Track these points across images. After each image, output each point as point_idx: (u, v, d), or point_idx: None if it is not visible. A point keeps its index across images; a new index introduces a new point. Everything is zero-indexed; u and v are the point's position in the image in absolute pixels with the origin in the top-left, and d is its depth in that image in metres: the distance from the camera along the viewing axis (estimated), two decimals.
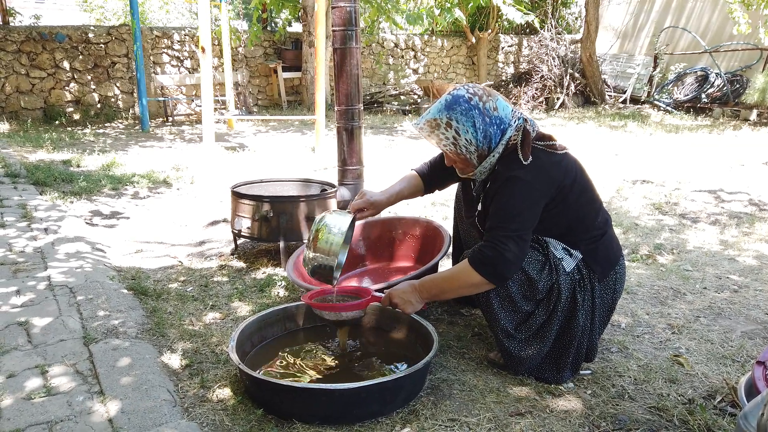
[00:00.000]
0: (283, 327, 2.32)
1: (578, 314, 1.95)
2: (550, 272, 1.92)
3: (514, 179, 1.82)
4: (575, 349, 2.00)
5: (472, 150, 1.86)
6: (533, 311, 1.97)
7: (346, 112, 3.28)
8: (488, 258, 1.81)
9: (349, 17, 3.14)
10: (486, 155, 1.89)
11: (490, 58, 13.37)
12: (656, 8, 12.66)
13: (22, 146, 6.64)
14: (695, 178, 5.48)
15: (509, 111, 1.90)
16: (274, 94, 11.49)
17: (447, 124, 1.84)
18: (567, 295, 1.94)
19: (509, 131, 1.86)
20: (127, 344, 2.15)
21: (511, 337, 1.99)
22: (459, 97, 1.85)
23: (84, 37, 9.58)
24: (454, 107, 1.84)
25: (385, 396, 1.81)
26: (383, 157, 6.44)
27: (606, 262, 2.02)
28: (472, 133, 1.83)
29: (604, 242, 2.02)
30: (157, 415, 1.74)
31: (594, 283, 1.99)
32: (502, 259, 1.80)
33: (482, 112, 1.83)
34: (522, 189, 1.82)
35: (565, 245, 1.97)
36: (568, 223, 1.95)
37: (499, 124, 1.86)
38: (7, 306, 2.44)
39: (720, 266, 3.21)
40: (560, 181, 1.88)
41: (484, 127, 1.84)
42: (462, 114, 1.83)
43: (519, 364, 2.02)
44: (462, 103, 1.83)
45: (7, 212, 3.82)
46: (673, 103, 11.07)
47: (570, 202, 1.92)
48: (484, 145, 1.86)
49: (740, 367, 2.15)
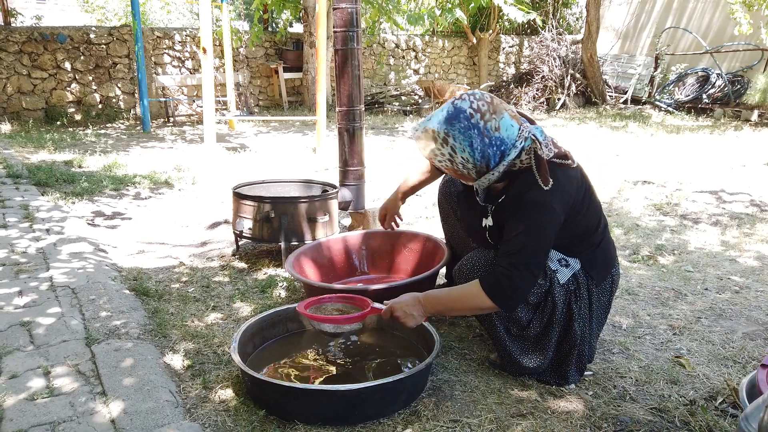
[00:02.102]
0: (285, 328, 2.32)
1: (575, 324, 1.94)
2: (542, 281, 1.90)
3: (535, 205, 1.75)
4: (576, 357, 2.00)
5: (470, 167, 1.79)
6: (530, 320, 1.96)
7: (347, 113, 3.28)
8: (504, 287, 1.77)
9: (350, 18, 3.14)
10: (485, 172, 1.80)
11: (491, 58, 13.37)
12: (657, 8, 12.65)
13: (23, 147, 6.65)
14: (696, 178, 5.48)
15: (515, 132, 1.77)
16: (275, 94, 11.50)
17: (444, 140, 1.76)
18: (562, 307, 1.93)
19: (512, 153, 1.76)
20: (129, 345, 2.16)
21: (512, 344, 1.99)
22: (460, 112, 1.74)
23: (85, 38, 9.59)
24: (453, 123, 1.74)
25: (387, 397, 1.82)
26: (384, 158, 6.44)
27: (604, 266, 2.01)
28: (468, 152, 1.75)
29: (602, 247, 2.00)
30: (159, 416, 1.74)
31: (591, 288, 1.98)
32: (518, 289, 1.78)
33: (481, 132, 1.73)
34: (543, 217, 1.76)
35: (563, 255, 1.94)
36: (572, 235, 1.92)
37: (499, 146, 1.75)
38: (10, 307, 2.44)
39: (721, 267, 3.21)
40: (575, 198, 1.85)
41: (482, 147, 1.74)
42: (460, 132, 1.74)
43: (521, 372, 2.03)
44: (462, 120, 1.74)
45: (9, 213, 3.83)
46: (674, 104, 11.07)
47: (579, 218, 1.90)
48: (482, 163, 1.77)
49: (741, 368, 2.15)
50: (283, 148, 7.18)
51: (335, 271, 2.87)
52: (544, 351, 1.97)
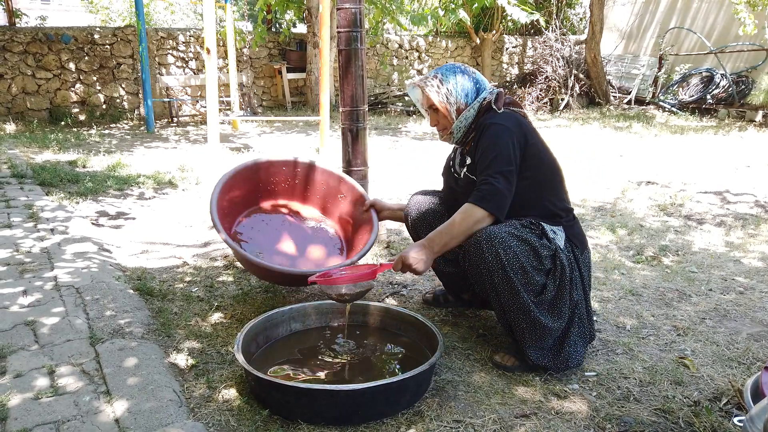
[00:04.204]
0: (288, 327, 2.33)
1: (572, 291, 2.06)
2: (548, 243, 2.04)
3: (491, 125, 2.11)
4: (577, 322, 2.07)
5: (452, 101, 2.18)
6: (545, 284, 2.03)
7: (351, 113, 3.28)
8: (486, 192, 2.03)
9: (354, 18, 3.14)
10: (463, 109, 2.19)
11: (494, 59, 13.35)
12: (661, 9, 12.62)
13: (28, 147, 6.68)
14: (700, 179, 5.46)
15: (486, 83, 2.26)
16: (278, 95, 11.52)
17: (434, 76, 2.21)
18: (569, 269, 2.05)
19: (484, 92, 2.20)
20: (133, 344, 2.16)
21: (536, 308, 2.01)
22: (446, 65, 2.26)
23: (89, 38, 9.62)
24: (440, 68, 2.24)
25: (390, 397, 1.82)
26: (388, 158, 6.45)
27: (582, 238, 2.20)
28: (452, 85, 2.17)
29: (577, 223, 2.24)
30: (163, 416, 1.75)
31: (578, 255, 2.14)
32: (497, 191, 2.02)
33: (463, 71, 2.22)
34: (499, 131, 2.08)
35: (551, 226, 2.11)
36: (543, 195, 2.14)
37: (475, 83, 2.21)
38: (15, 306, 2.45)
39: (725, 268, 3.21)
40: (526, 134, 2.12)
41: (464, 82, 2.19)
42: (447, 70, 2.21)
43: (548, 334, 2.04)
44: (448, 66, 2.24)
45: (14, 213, 3.84)
46: (678, 104, 11.04)
47: (538, 165, 2.13)
48: (462, 98, 2.18)
49: (746, 369, 2.14)
50: (286, 149, 7.19)
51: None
52: (561, 313, 2.04)
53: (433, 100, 2.20)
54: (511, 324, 2.07)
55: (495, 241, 1.95)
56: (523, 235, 1.99)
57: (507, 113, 2.15)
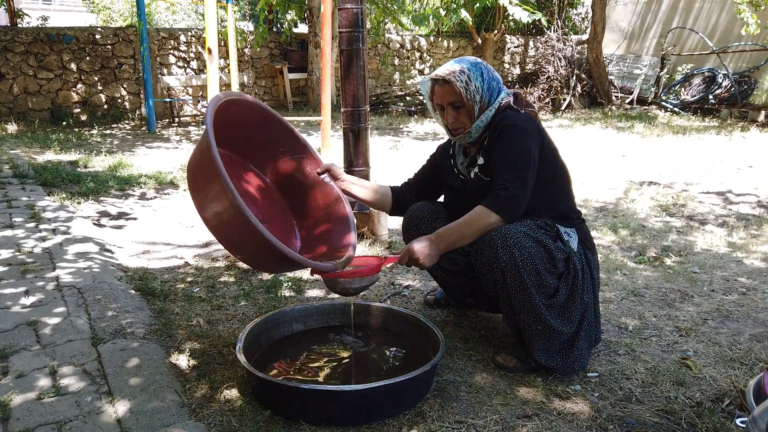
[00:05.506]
0: (290, 328, 2.33)
1: (584, 295, 2.05)
2: (563, 246, 2.03)
3: (510, 126, 2.05)
4: (585, 326, 2.06)
5: (477, 99, 2.07)
6: (557, 287, 2.03)
7: (352, 113, 3.28)
8: (504, 198, 1.98)
9: (355, 19, 3.14)
10: (485, 108, 2.10)
11: (496, 59, 13.35)
12: (663, 9, 12.60)
13: (29, 147, 6.68)
14: (703, 179, 5.45)
15: (501, 82, 2.19)
16: (280, 95, 11.52)
17: (461, 70, 2.07)
18: (581, 272, 2.04)
19: (502, 93, 2.13)
20: (135, 345, 2.16)
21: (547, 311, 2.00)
22: (465, 58, 2.14)
23: (91, 39, 9.64)
24: (463, 60, 2.11)
25: (392, 398, 1.81)
26: (389, 159, 6.45)
27: (591, 241, 2.21)
28: (479, 81, 2.07)
29: (587, 226, 2.23)
30: (165, 416, 1.75)
31: (590, 258, 2.13)
32: (514, 197, 1.98)
33: (487, 69, 2.12)
34: (518, 133, 2.03)
35: (565, 228, 2.09)
36: (557, 197, 2.12)
37: (498, 82, 2.14)
38: (17, 306, 2.45)
39: (728, 268, 3.20)
40: (542, 137, 2.09)
41: (489, 80, 2.09)
42: (472, 65, 2.09)
43: (557, 338, 2.02)
44: (471, 60, 2.12)
45: (16, 213, 3.85)
46: (681, 104, 11.02)
47: (553, 166, 2.11)
48: (486, 96, 2.09)
49: (748, 370, 2.14)
50: None
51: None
52: (571, 317, 2.04)
53: (462, 95, 2.07)
54: (520, 326, 2.05)
55: (510, 241, 1.93)
56: (538, 236, 1.97)
57: (526, 115, 2.10)
